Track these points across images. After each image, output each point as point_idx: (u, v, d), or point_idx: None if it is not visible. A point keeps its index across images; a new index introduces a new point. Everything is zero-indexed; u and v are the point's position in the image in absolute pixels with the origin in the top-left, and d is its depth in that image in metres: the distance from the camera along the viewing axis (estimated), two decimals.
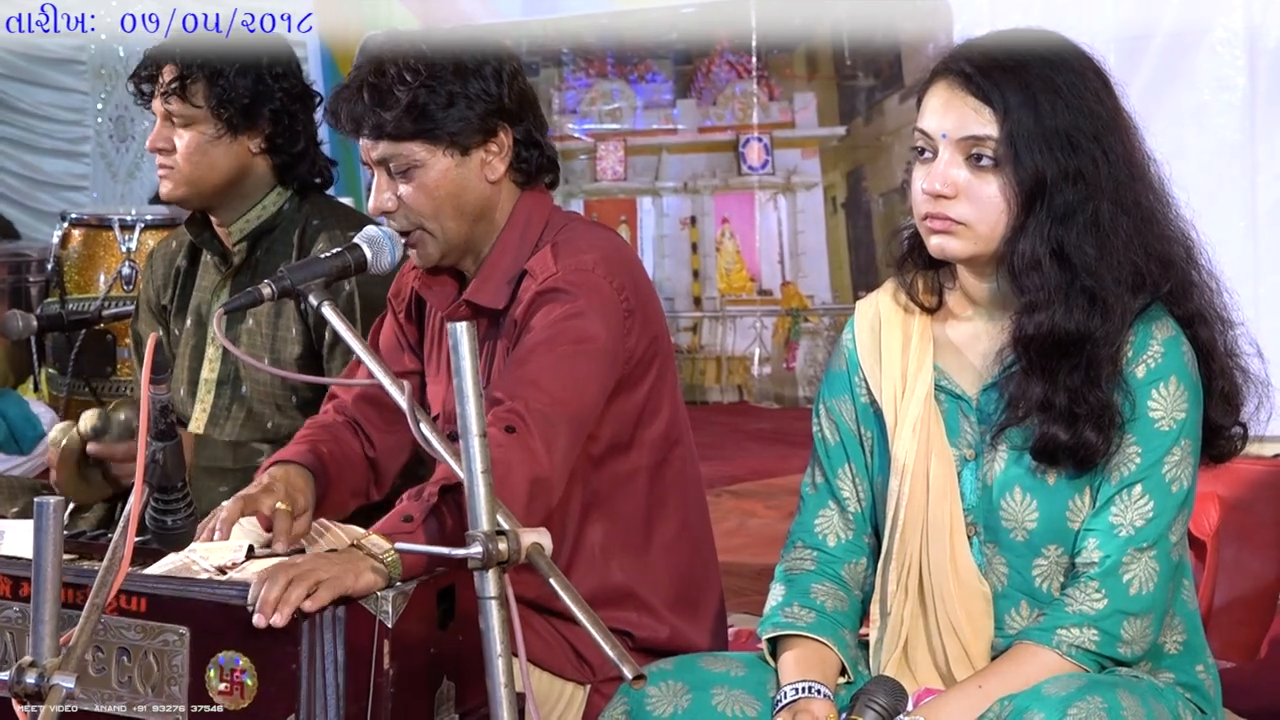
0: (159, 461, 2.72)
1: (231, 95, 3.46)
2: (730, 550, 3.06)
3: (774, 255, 8.61)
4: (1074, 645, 2.33)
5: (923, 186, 2.39)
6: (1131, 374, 2.35)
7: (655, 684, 2.44)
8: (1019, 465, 2.40)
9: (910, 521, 2.45)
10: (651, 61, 8.81)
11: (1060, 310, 2.33)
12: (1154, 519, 2.34)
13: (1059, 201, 2.32)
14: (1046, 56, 2.36)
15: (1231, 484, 3.75)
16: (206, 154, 3.49)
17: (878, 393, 2.50)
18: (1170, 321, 2.38)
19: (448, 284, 2.97)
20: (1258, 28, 5.72)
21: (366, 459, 3.05)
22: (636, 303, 2.84)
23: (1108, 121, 2.35)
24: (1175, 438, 2.35)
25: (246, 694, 2.41)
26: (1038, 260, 2.33)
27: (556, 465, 2.66)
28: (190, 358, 3.61)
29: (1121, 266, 2.33)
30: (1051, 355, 2.34)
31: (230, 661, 2.41)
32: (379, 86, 2.81)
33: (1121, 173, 2.34)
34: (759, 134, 8.57)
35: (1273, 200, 5.58)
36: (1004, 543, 2.42)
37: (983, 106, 2.34)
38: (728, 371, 8.69)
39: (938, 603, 2.44)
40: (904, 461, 2.46)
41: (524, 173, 2.91)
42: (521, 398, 2.66)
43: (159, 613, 2.46)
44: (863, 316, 2.56)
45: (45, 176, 9.68)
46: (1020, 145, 2.32)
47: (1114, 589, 2.34)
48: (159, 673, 2.46)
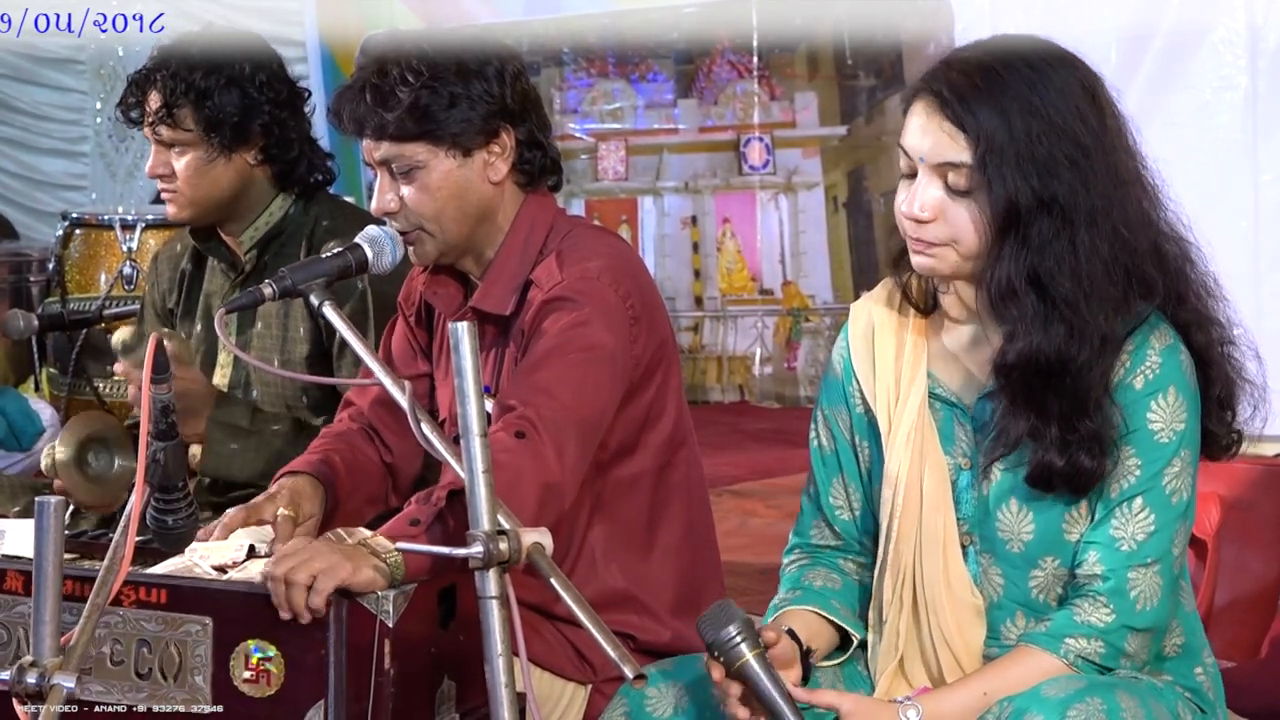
0: (160, 461, 2.72)
1: (220, 116, 3.45)
2: (731, 550, 3.06)
3: (775, 255, 8.61)
4: (1080, 655, 2.33)
5: (902, 209, 2.37)
6: (1130, 385, 2.33)
7: (655, 684, 2.44)
8: (1015, 477, 2.39)
9: (904, 532, 2.44)
10: (653, 61, 8.80)
11: (1039, 337, 2.30)
12: (1156, 533, 2.33)
13: (1034, 229, 2.28)
14: (1029, 74, 2.31)
15: (1231, 484, 3.75)
16: (206, 175, 3.48)
17: (872, 401, 2.49)
18: (1168, 329, 2.36)
19: (453, 289, 2.97)
20: (1259, 27, 5.72)
21: (383, 465, 3.05)
22: (642, 309, 2.84)
23: (1090, 141, 2.30)
24: (1175, 449, 2.34)
25: (273, 682, 2.42)
26: (1013, 288, 2.30)
27: (568, 471, 2.65)
28: (201, 363, 3.62)
29: (1102, 292, 2.30)
30: (1034, 383, 2.32)
31: (258, 650, 2.42)
32: (381, 87, 2.80)
33: (1102, 195, 2.29)
34: (760, 134, 8.57)
35: (1274, 200, 5.57)
36: (1000, 554, 2.41)
37: (957, 132, 2.30)
38: (729, 371, 8.69)
39: (930, 614, 2.43)
40: (897, 471, 2.44)
41: (527, 174, 2.90)
42: (533, 404, 2.66)
43: (180, 604, 2.47)
44: (856, 323, 2.54)
45: (44, 176, 9.67)
46: (993, 172, 2.28)
47: (1121, 606, 2.33)
48: (181, 663, 2.46)
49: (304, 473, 2.91)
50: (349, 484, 2.96)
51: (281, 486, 2.87)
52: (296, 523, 2.83)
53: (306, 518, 2.86)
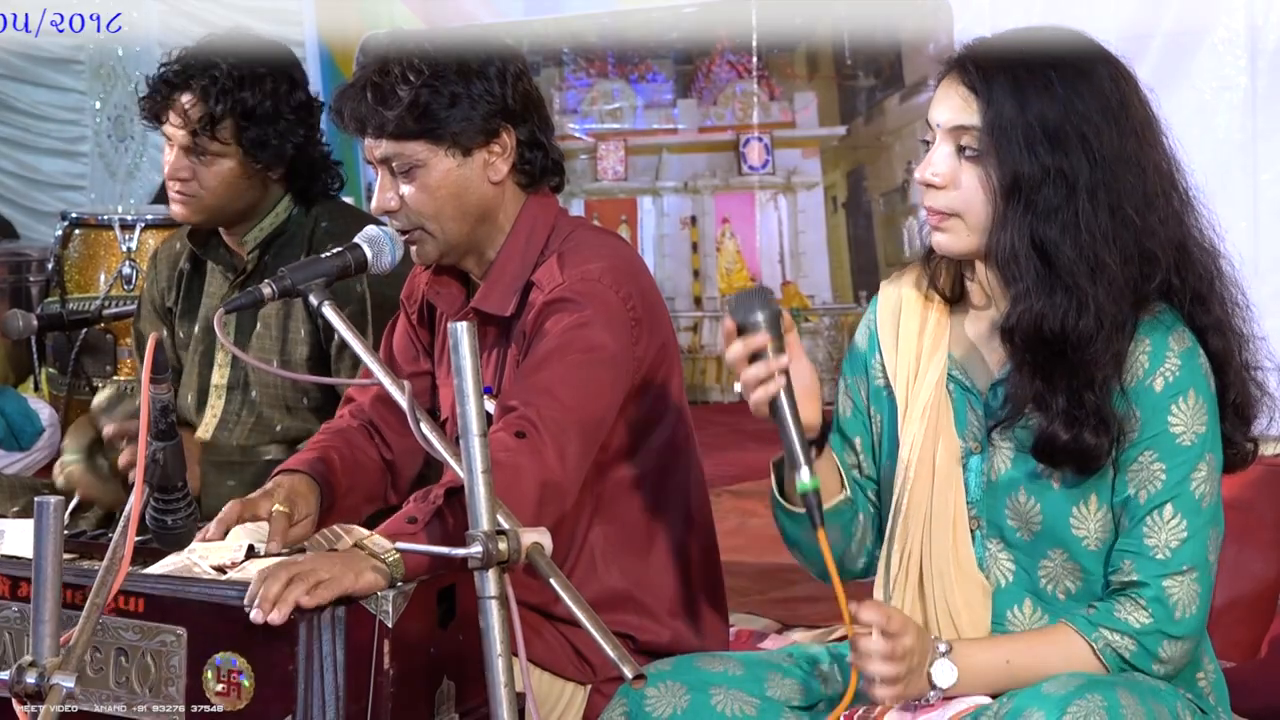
0: (159, 461, 2.72)
1: (262, 139, 3.45)
2: (730, 550, 3.06)
3: (774, 255, 8.60)
4: (1110, 646, 2.34)
5: (916, 176, 2.41)
6: (1149, 387, 2.34)
7: (654, 684, 2.44)
8: (1024, 465, 2.40)
9: (914, 507, 2.46)
10: (652, 61, 8.80)
11: (1043, 303, 2.32)
12: (1189, 539, 2.34)
13: (1038, 197, 2.32)
14: (1052, 53, 2.36)
15: (1231, 484, 3.73)
16: (233, 186, 3.49)
17: (892, 375, 2.51)
18: (1186, 333, 2.37)
19: (455, 289, 2.97)
20: (1259, 28, 5.72)
21: (383, 462, 3.05)
22: (644, 311, 2.84)
23: (1104, 121, 2.33)
24: (1200, 452, 2.34)
25: (244, 695, 2.41)
26: (1016, 253, 2.34)
27: (569, 471, 2.66)
28: (200, 364, 3.62)
29: (1107, 269, 2.31)
30: (1039, 351, 2.34)
31: (227, 662, 2.41)
32: (382, 86, 2.80)
33: (1111, 174, 2.32)
34: (759, 134, 8.56)
35: (1273, 200, 5.58)
36: (1010, 540, 2.43)
37: (971, 96, 2.36)
38: (728, 371, 8.67)
39: (937, 591, 2.44)
40: (911, 445, 2.47)
41: (528, 174, 2.90)
42: (534, 405, 2.66)
43: (157, 613, 2.46)
44: (885, 299, 2.58)
45: (43, 176, 9.66)
46: (999, 137, 2.33)
47: (1160, 613, 2.34)
48: (156, 673, 2.46)
49: (301, 471, 2.91)
50: (346, 483, 2.96)
51: (279, 484, 2.87)
52: (292, 520, 2.82)
53: (302, 517, 2.85)
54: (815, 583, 2.54)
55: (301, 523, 2.84)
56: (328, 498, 2.93)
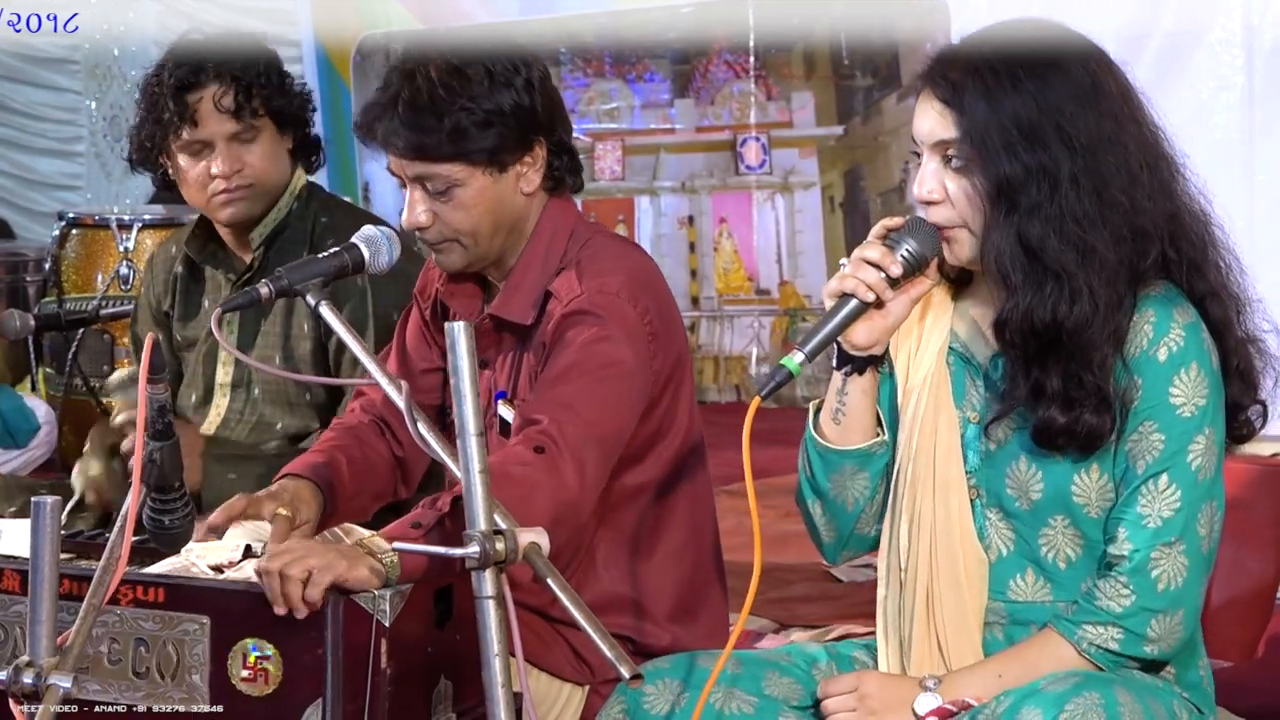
0: (156, 461, 2.71)
1: (285, 102, 3.52)
2: (729, 550, 3.05)
3: (772, 255, 8.60)
4: (1094, 644, 2.34)
5: (913, 196, 2.42)
6: (1153, 357, 2.34)
7: (652, 682, 2.44)
8: (1024, 436, 2.40)
9: (918, 476, 2.46)
10: (649, 61, 8.79)
11: (1033, 299, 2.32)
12: (1181, 510, 2.34)
13: (1023, 197, 2.32)
14: (1019, 49, 2.36)
15: (1231, 484, 3.72)
16: (276, 162, 3.54)
17: (894, 347, 2.51)
18: (1189, 306, 2.37)
19: (472, 293, 2.97)
20: (1255, 28, 5.73)
21: (393, 459, 3.05)
22: (660, 326, 2.84)
23: (1078, 108, 2.33)
24: (1199, 424, 2.34)
25: (271, 680, 2.42)
26: (1003, 254, 2.34)
27: (586, 490, 2.66)
28: (204, 364, 3.63)
29: (1096, 252, 2.31)
30: (1031, 343, 2.34)
31: (256, 649, 2.42)
32: (415, 104, 2.78)
33: (1094, 159, 2.32)
34: (756, 133, 8.56)
35: (1270, 199, 5.59)
36: (1009, 509, 2.43)
37: (946, 110, 2.36)
38: (725, 371, 8.69)
39: (937, 560, 2.44)
40: (913, 415, 2.47)
41: (555, 180, 2.91)
42: (555, 420, 2.66)
43: (178, 602, 2.47)
44: None
45: (38, 176, 9.66)
46: (978, 145, 2.33)
47: (1141, 585, 2.33)
48: (179, 662, 2.46)
49: (305, 477, 2.91)
50: (352, 488, 2.96)
51: (284, 488, 2.88)
52: (293, 524, 2.83)
53: (303, 522, 2.86)
54: (813, 583, 2.55)
55: (302, 528, 2.85)
56: (330, 506, 2.93)
